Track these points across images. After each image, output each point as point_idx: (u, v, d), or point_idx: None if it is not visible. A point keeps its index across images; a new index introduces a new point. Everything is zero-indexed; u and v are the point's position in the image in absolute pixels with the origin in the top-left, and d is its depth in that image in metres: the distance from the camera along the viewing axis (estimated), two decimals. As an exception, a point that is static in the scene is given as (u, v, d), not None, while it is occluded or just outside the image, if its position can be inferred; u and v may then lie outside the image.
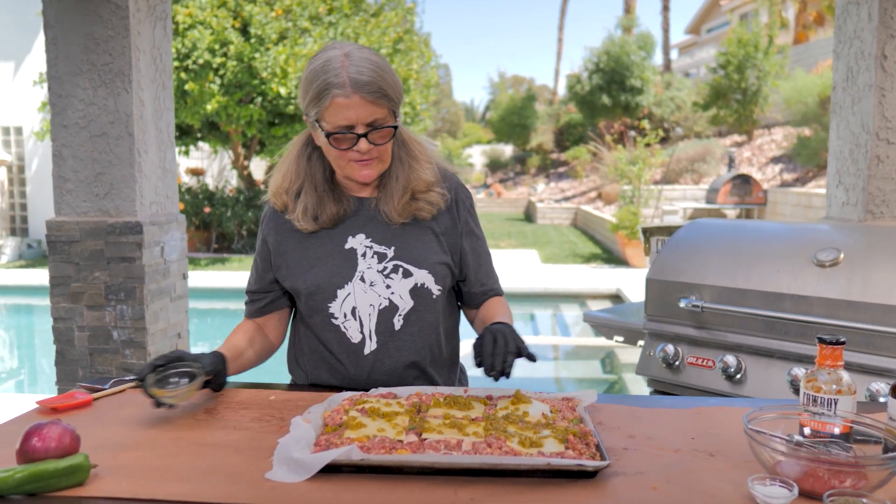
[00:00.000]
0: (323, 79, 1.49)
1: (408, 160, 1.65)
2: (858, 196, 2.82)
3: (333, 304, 1.62)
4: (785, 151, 15.75)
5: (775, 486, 1.10)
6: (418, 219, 1.65)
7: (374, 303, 1.61)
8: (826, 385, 1.29)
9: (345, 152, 1.54)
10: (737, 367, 2.37)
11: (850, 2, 2.89)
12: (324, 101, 1.49)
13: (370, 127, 1.51)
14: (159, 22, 3.09)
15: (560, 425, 1.34)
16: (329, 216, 1.63)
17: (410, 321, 1.63)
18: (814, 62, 17.43)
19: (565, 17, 34.72)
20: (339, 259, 1.63)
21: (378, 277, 1.61)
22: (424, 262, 1.63)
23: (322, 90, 1.49)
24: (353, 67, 1.48)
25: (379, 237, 1.63)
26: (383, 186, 1.65)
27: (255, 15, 11.04)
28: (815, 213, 10.87)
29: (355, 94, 1.47)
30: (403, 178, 1.63)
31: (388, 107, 1.52)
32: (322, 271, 1.62)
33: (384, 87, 1.50)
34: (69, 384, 3.03)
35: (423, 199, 1.63)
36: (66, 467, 1.13)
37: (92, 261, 2.97)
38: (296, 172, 1.65)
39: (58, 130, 2.96)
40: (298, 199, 1.64)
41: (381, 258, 1.62)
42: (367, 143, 1.52)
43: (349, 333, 1.63)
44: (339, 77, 1.47)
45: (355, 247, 1.63)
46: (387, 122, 1.53)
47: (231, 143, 12.71)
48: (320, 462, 1.17)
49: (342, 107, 1.48)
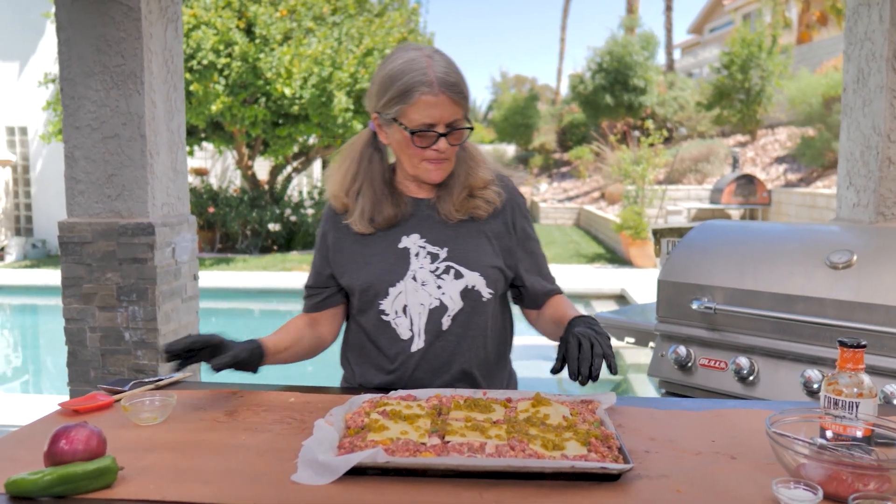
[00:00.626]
0: (409, 77, 1.51)
1: (467, 159, 1.67)
2: (869, 198, 2.83)
3: (385, 302, 1.64)
4: (789, 151, 15.74)
5: (800, 490, 1.11)
6: (474, 218, 1.67)
7: (425, 302, 1.62)
8: (847, 388, 1.30)
9: (422, 151, 1.56)
10: (749, 368, 2.38)
11: (860, 3, 2.90)
12: (410, 99, 1.51)
13: (450, 127, 1.54)
14: (171, 24, 3.10)
15: (581, 428, 1.34)
16: (385, 218, 1.65)
17: (459, 322, 1.64)
18: (818, 62, 17.41)
19: (567, 16, 34.71)
20: (393, 257, 1.65)
21: (430, 277, 1.63)
22: (476, 264, 1.64)
23: (408, 87, 1.51)
24: (438, 67, 1.52)
25: (433, 238, 1.65)
26: (443, 185, 1.67)
27: (259, 15, 11.06)
28: (819, 214, 10.86)
29: (442, 93, 1.51)
30: (463, 176, 1.65)
31: (464, 107, 1.56)
32: (376, 269, 1.64)
33: (464, 88, 1.55)
34: (81, 385, 3.04)
35: (480, 197, 1.66)
36: (94, 470, 1.14)
37: (104, 262, 2.98)
38: (355, 174, 1.67)
39: (70, 132, 2.97)
40: (357, 200, 1.66)
41: (433, 258, 1.64)
42: (445, 143, 1.55)
43: (399, 330, 1.64)
44: (427, 76, 1.50)
45: (409, 246, 1.65)
46: (463, 124, 1.57)
47: (235, 144, 12.72)
48: (346, 464, 1.17)
49: (429, 105, 1.51)
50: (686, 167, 16.43)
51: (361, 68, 11.69)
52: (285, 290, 10.10)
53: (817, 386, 2.22)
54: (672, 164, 15.69)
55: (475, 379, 1.69)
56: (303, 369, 7.27)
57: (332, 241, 1.72)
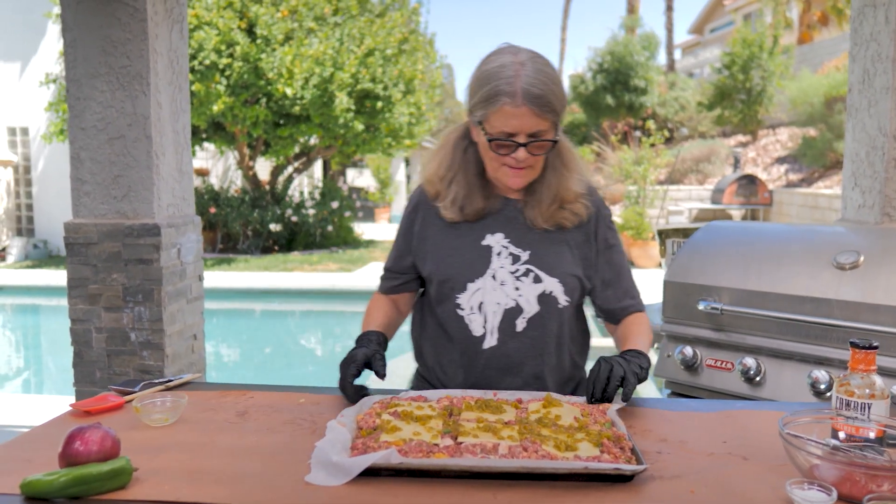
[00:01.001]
0: (495, 84, 1.51)
1: (561, 169, 1.66)
2: (875, 198, 2.83)
3: (462, 296, 1.64)
4: (790, 152, 15.74)
5: (814, 491, 1.11)
6: (560, 227, 1.66)
7: (501, 301, 1.63)
8: (859, 389, 1.30)
9: (501, 157, 1.56)
10: (756, 369, 2.38)
11: (866, 4, 2.90)
12: (492, 106, 1.51)
13: (532, 138, 1.53)
14: (176, 24, 3.10)
15: (593, 429, 1.35)
16: (474, 210, 1.65)
17: (533, 325, 1.63)
18: (819, 62, 17.41)
19: (568, 17, 34.71)
20: (475, 253, 1.65)
21: (509, 278, 1.63)
22: (556, 270, 1.64)
23: (492, 95, 1.51)
24: (526, 78, 1.49)
25: (516, 239, 1.65)
26: (532, 192, 1.66)
27: (261, 16, 11.06)
28: (821, 214, 10.86)
29: (524, 105, 1.49)
30: (555, 186, 1.65)
31: (552, 120, 1.54)
32: (456, 262, 1.65)
33: (553, 100, 1.51)
34: (87, 385, 3.04)
35: (568, 209, 1.66)
36: (109, 471, 1.14)
37: (110, 263, 2.98)
38: (450, 163, 1.68)
39: (76, 133, 2.97)
40: (450, 187, 1.67)
41: (514, 260, 1.64)
42: (525, 153, 1.54)
43: (472, 326, 1.64)
44: (512, 86, 1.49)
45: (492, 245, 1.66)
46: (548, 136, 1.55)
47: (236, 144, 12.72)
48: (359, 466, 1.18)
49: (509, 115, 1.50)
50: (687, 167, 16.43)
51: (363, 69, 11.70)
52: (287, 290, 10.11)
53: (824, 387, 2.22)
54: (673, 164, 15.69)
55: (545, 383, 1.68)
56: (303, 370, 7.27)
57: (418, 228, 1.73)
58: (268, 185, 14.09)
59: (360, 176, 25.34)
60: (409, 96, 12.67)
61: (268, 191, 13.86)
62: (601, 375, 1.49)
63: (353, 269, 11.55)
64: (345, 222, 14.74)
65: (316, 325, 9.59)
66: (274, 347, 8.43)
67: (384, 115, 12.24)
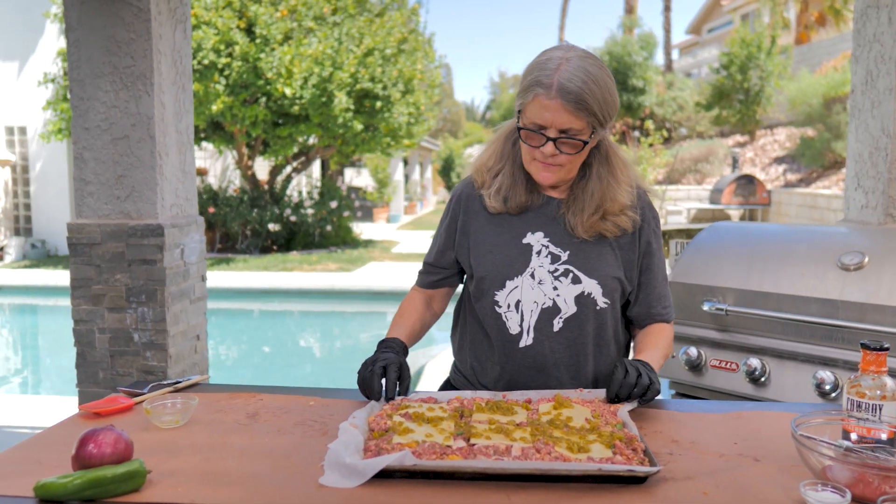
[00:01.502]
0: (535, 75, 1.51)
1: (608, 178, 1.63)
2: (878, 199, 2.83)
3: (500, 293, 1.63)
4: (788, 152, 15.76)
5: (827, 492, 1.11)
6: (603, 236, 1.64)
7: (539, 300, 1.61)
8: (870, 390, 1.30)
9: (531, 149, 1.56)
10: (761, 369, 2.38)
11: (869, 5, 2.90)
12: (528, 96, 1.52)
13: (562, 133, 1.52)
14: (179, 24, 3.10)
15: (605, 430, 1.35)
16: (517, 203, 1.64)
17: (570, 326, 1.62)
18: (817, 62, 17.44)
19: (566, 16, 34.73)
20: (515, 251, 1.64)
21: (548, 277, 1.62)
22: (596, 272, 1.62)
23: (530, 85, 1.52)
24: (565, 73, 1.48)
25: (557, 239, 1.64)
26: (574, 198, 1.64)
27: (260, 15, 11.05)
28: (820, 214, 10.88)
29: (558, 98, 1.48)
30: (598, 196, 1.62)
31: (587, 120, 1.51)
32: (497, 258, 1.64)
33: (589, 99, 1.49)
34: (90, 386, 3.04)
35: (611, 221, 1.62)
36: (123, 473, 1.14)
37: (113, 263, 2.97)
38: (500, 154, 1.68)
39: (79, 133, 2.96)
40: (496, 178, 1.66)
41: (554, 259, 1.63)
42: (552, 148, 1.53)
43: (509, 324, 1.63)
44: (549, 78, 1.49)
45: (532, 243, 1.64)
46: (581, 136, 1.53)
47: (235, 144, 12.71)
48: (374, 468, 1.18)
49: (542, 107, 1.50)
50: (686, 167, 16.45)
51: (362, 68, 11.69)
52: (286, 290, 10.10)
53: (829, 387, 2.23)
54: (672, 164, 15.70)
55: (582, 383, 1.66)
56: (302, 370, 7.27)
57: (460, 223, 1.71)
58: (266, 184, 14.08)
59: (359, 176, 25.33)
60: (408, 96, 12.67)
61: (266, 190, 13.85)
62: (628, 380, 1.47)
63: (352, 268, 11.55)
64: (343, 222, 14.74)
65: (315, 325, 9.59)
66: (273, 347, 8.43)
67: (383, 115, 12.24)
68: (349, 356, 8.01)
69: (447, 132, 36.69)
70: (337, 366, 7.52)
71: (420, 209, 26.31)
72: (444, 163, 31.97)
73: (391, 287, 9.93)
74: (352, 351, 8.24)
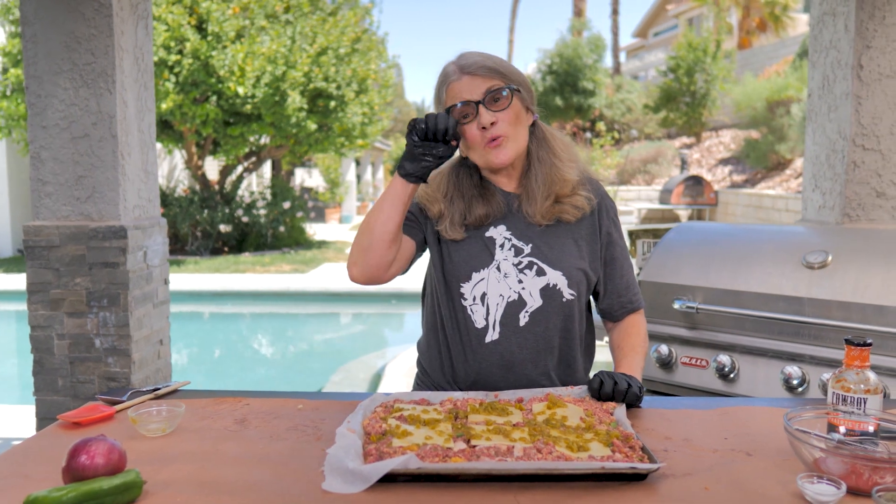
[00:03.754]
0: (440, 80, 1.62)
1: (549, 158, 1.65)
2: (836, 200, 2.94)
3: (466, 286, 1.62)
4: (733, 153, 16.23)
5: (823, 484, 1.15)
6: (561, 221, 1.64)
7: (504, 293, 1.60)
8: (855, 385, 1.35)
9: (475, 133, 1.57)
10: (731, 366, 2.44)
11: (825, 12, 3.01)
12: (443, 92, 1.61)
13: (486, 96, 1.55)
14: (141, 21, 3.01)
15: (601, 429, 1.36)
16: (477, 217, 1.64)
17: (536, 320, 1.61)
18: (760, 67, 18.00)
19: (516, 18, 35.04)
20: (480, 244, 1.63)
21: (512, 270, 1.61)
22: (560, 263, 1.62)
23: (439, 87, 1.62)
24: (463, 58, 1.60)
25: (518, 232, 1.64)
26: (526, 189, 1.65)
27: (212, 12, 10.83)
28: (766, 214, 11.23)
29: (464, 74, 1.57)
30: (545, 178, 1.63)
31: (500, 80, 1.57)
32: (463, 251, 1.63)
33: (490, 63, 1.58)
34: (49, 394, 2.93)
35: (567, 203, 1.63)
36: (120, 484, 1.10)
37: (73, 266, 2.87)
38: (445, 187, 1.68)
39: (36, 131, 2.85)
40: (451, 205, 1.65)
41: (517, 252, 1.62)
42: (487, 113, 1.55)
43: (474, 317, 1.62)
44: (451, 68, 1.60)
45: (494, 237, 1.64)
46: (503, 90, 1.57)
47: (185, 143, 12.43)
48: (379, 472, 1.16)
49: (457, 90, 1.57)
50: (635, 168, 16.79)
51: (315, 67, 11.57)
52: (239, 292, 9.93)
53: (797, 382, 2.30)
54: (622, 165, 16.00)
55: (551, 380, 1.66)
56: (255, 374, 7.15)
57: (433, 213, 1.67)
58: (217, 184, 13.80)
59: (310, 177, 25.05)
60: (362, 96, 12.59)
61: (217, 191, 13.58)
62: (605, 389, 1.48)
63: (306, 270, 11.42)
64: (297, 223, 14.57)
65: (270, 327, 9.44)
66: (228, 351, 8.27)
67: (337, 115, 12.14)
68: (305, 358, 7.91)
69: (398, 132, 36.59)
70: (293, 368, 7.42)
71: (372, 209, 26.14)
72: (395, 163, 31.89)
73: (347, 288, 9.86)
74: (308, 353, 8.14)
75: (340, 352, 7.78)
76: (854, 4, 2.79)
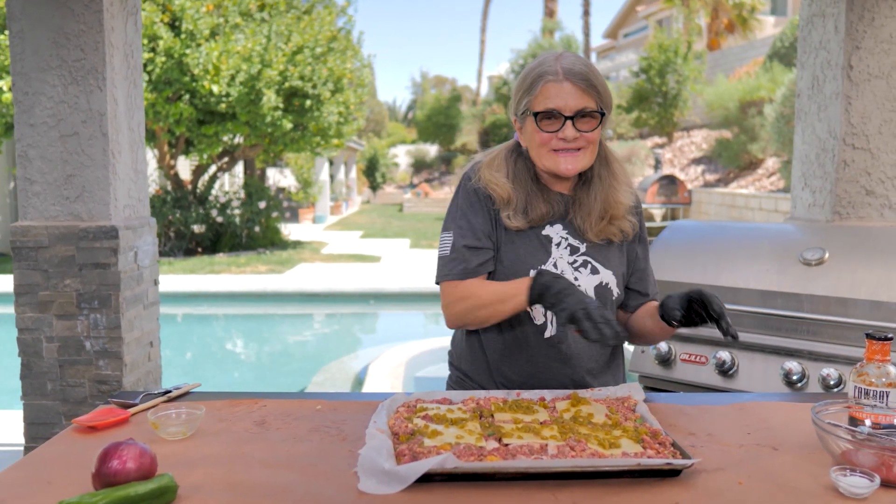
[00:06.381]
0: (536, 71, 1.57)
1: (609, 179, 1.66)
2: (826, 198, 2.99)
3: None
4: (705, 153, 16.46)
5: (856, 477, 1.16)
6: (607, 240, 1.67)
7: None
8: (876, 378, 1.37)
9: (550, 137, 1.56)
10: (731, 362, 2.47)
11: (814, 14, 3.06)
12: (535, 89, 1.56)
13: (578, 113, 1.54)
14: (131, 17, 2.95)
15: (628, 426, 1.37)
16: (538, 214, 1.63)
17: None
18: (730, 68, 18.28)
19: (487, 19, 35.17)
20: (537, 243, 1.64)
21: (568, 268, 1.63)
22: (609, 263, 1.66)
23: (535, 79, 1.57)
24: (565, 60, 1.57)
25: (573, 232, 1.65)
26: (579, 201, 1.65)
27: (186, 9, 10.67)
28: (738, 213, 11.40)
29: (566, 80, 1.54)
30: (602, 198, 1.64)
31: (595, 100, 1.56)
32: (520, 249, 1.63)
33: (594, 81, 1.56)
34: (37, 398, 2.85)
35: (616, 226, 1.66)
36: (155, 489, 1.08)
37: (62, 268, 2.80)
38: (507, 168, 1.66)
39: (24, 129, 2.78)
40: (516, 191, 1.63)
41: (573, 251, 1.64)
42: (573, 129, 1.55)
43: (533, 314, 1.63)
44: (553, 67, 1.56)
45: (551, 235, 1.65)
46: (595, 113, 1.56)
47: (157, 142, 12.23)
48: (416, 472, 1.15)
49: (553, 93, 1.54)
50: (609, 168, 16.91)
51: (291, 66, 11.47)
52: (215, 293, 9.79)
53: (796, 377, 2.33)
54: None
55: (595, 381, 1.67)
56: (230, 376, 7.06)
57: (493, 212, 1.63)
58: (190, 184, 13.61)
59: (284, 177, 24.84)
60: (337, 95, 12.52)
61: (190, 191, 13.39)
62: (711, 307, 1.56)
63: (282, 270, 11.32)
64: (272, 223, 14.43)
65: (246, 328, 9.33)
66: (203, 352, 8.16)
67: (313, 114, 12.05)
68: (286, 359, 7.83)
69: (371, 132, 36.47)
70: (275, 370, 7.34)
71: (346, 209, 26.04)
72: (368, 163, 31.74)
73: (323, 289, 9.79)
74: (284, 354, 8.06)
75: (320, 352, 7.72)
76: (844, 6, 2.84)
